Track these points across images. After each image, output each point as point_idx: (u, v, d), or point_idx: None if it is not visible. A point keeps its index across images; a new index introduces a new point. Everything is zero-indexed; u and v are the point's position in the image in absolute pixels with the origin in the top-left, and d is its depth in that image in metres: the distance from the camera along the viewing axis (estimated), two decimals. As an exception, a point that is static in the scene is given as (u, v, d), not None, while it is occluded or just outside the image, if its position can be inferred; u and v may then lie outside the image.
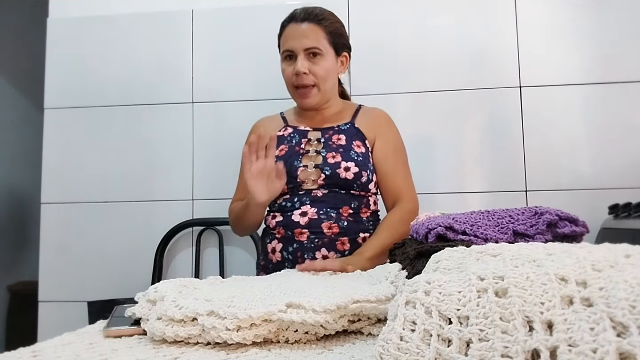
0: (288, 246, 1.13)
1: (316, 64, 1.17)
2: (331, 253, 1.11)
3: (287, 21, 1.21)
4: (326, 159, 1.15)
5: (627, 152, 1.54)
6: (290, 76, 1.18)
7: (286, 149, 1.19)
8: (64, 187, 1.71)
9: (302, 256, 1.11)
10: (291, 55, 1.18)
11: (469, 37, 1.64)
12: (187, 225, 1.64)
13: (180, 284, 0.64)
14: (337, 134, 1.20)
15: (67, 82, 1.75)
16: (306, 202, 1.14)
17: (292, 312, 0.52)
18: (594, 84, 1.58)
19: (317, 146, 1.18)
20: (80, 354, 0.50)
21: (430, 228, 0.69)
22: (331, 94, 1.24)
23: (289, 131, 1.24)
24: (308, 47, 1.16)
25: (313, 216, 1.12)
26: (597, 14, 1.60)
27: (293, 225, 1.13)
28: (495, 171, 1.59)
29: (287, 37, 1.19)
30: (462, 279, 0.40)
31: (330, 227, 1.12)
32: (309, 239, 1.11)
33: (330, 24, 1.20)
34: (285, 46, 1.19)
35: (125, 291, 1.55)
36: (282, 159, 1.16)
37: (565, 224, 0.66)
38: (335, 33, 1.20)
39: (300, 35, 1.16)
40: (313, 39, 1.16)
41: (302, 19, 1.17)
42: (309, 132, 1.23)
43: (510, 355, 0.32)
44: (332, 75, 1.21)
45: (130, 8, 1.76)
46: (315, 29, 1.17)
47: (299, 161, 1.16)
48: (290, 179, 1.14)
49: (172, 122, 1.71)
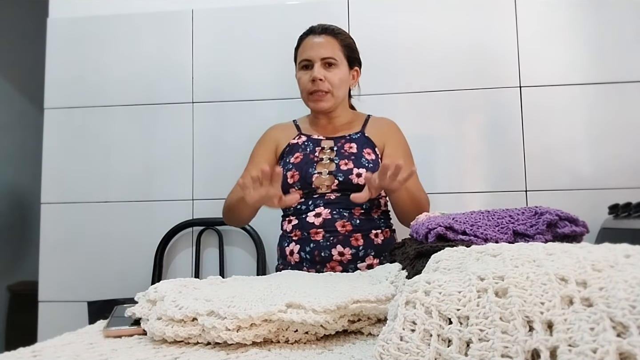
0: (305, 246, 1.20)
1: (331, 73, 1.25)
2: (346, 249, 1.18)
3: (305, 34, 1.30)
4: (339, 166, 1.22)
5: (627, 152, 1.54)
6: (306, 83, 1.25)
7: (301, 156, 1.25)
8: (64, 187, 1.71)
9: (320, 254, 1.18)
10: (308, 65, 1.26)
11: (469, 37, 1.64)
12: (187, 225, 1.64)
13: (180, 284, 0.64)
14: (348, 143, 1.27)
15: (67, 82, 1.75)
16: (320, 205, 1.21)
17: (292, 312, 0.52)
18: (594, 84, 1.58)
19: (330, 154, 1.25)
20: (80, 354, 0.50)
21: (430, 228, 0.70)
22: (342, 102, 1.32)
23: (302, 139, 1.30)
24: (324, 56, 1.24)
25: (327, 216, 1.19)
26: (597, 14, 1.60)
27: (308, 227, 1.20)
28: (495, 171, 1.59)
29: (304, 48, 1.27)
30: (462, 279, 0.40)
31: (344, 225, 1.19)
32: (325, 237, 1.18)
33: (345, 39, 1.29)
34: (302, 56, 1.27)
35: (125, 291, 1.55)
36: (297, 166, 1.23)
37: (565, 224, 0.66)
38: (349, 47, 1.30)
39: (317, 46, 1.25)
40: (330, 50, 1.25)
41: (319, 32, 1.27)
42: (322, 140, 1.29)
43: (510, 355, 0.32)
44: (344, 84, 1.29)
45: (130, 8, 1.76)
46: (332, 41, 1.26)
47: (313, 168, 1.23)
48: (306, 185, 1.21)
49: (172, 122, 1.71)
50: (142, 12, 1.75)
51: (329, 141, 1.29)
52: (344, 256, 1.17)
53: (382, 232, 1.23)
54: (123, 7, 1.76)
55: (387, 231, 1.25)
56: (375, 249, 1.20)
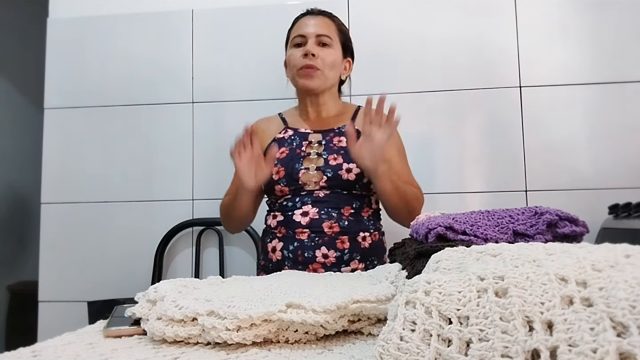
0: (288, 245, 1.14)
1: (325, 51, 1.21)
2: (331, 251, 1.12)
3: (301, 15, 1.27)
4: (328, 161, 1.16)
5: (627, 152, 1.54)
6: (298, 58, 1.20)
7: (287, 151, 1.20)
8: (64, 187, 1.71)
9: (303, 254, 1.12)
10: (301, 43, 1.21)
11: (469, 37, 1.64)
12: (187, 225, 1.64)
13: (180, 284, 0.64)
14: (338, 136, 1.21)
15: (67, 82, 1.75)
16: (307, 202, 1.15)
17: (292, 312, 0.52)
18: (594, 84, 1.58)
19: (319, 148, 1.19)
20: (80, 354, 0.50)
21: (430, 228, 0.69)
22: (331, 88, 1.26)
23: (289, 133, 1.24)
24: (320, 33, 1.21)
25: (314, 216, 1.13)
26: (597, 14, 1.60)
27: (294, 225, 1.14)
28: (495, 171, 1.59)
29: (300, 25, 1.24)
30: (462, 279, 0.40)
31: (331, 226, 1.13)
32: (310, 237, 1.13)
33: (341, 24, 1.28)
34: (296, 32, 1.23)
35: (125, 291, 1.55)
36: (283, 162, 1.17)
37: (565, 224, 0.66)
38: (345, 34, 1.27)
39: (313, 24, 1.22)
40: (325, 29, 1.22)
41: (316, 13, 1.25)
42: (309, 134, 1.23)
43: (510, 355, 0.32)
44: (337, 68, 1.24)
45: (130, 8, 1.76)
46: (328, 22, 1.24)
47: (300, 164, 1.17)
48: (292, 181, 1.15)
49: (172, 122, 1.71)
50: (142, 12, 1.75)
51: (317, 135, 1.22)
52: (327, 258, 1.11)
53: (370, 235, 1.16)
54: (123, 7, 1.76)
55: (376, 234, 1.19)
56: (361, 253, 1.14)
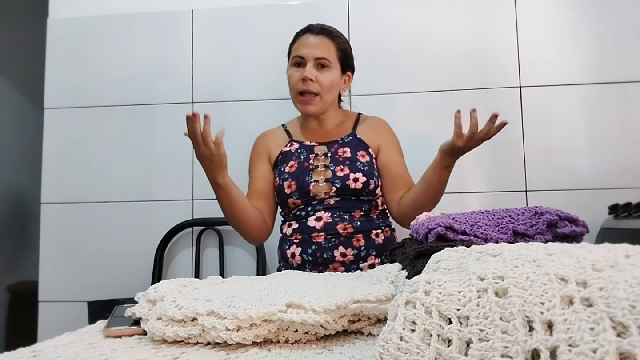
0: (307, 248, 1.20)
1: (322, 74, 1.23)
2: (348, 250, 1.19)
3: (302, 32, 1.28)
4: (335, 173, 1.22)
5: (627, 152, 1.54)
6: (297, 81, 1.23)
7: (296, 165, 1.25)
8: (64, 187, 1.71)
9: (322, 255, 1.18)
10: (300, 63, 1.24)
11: (469, 37, 1.64)
12: (187, 225, 1.64)
13: (180, 284, 0.64)
14: (342, 147, 1.27)
15: (67, 82, 1.74)
16: (320, 209, 1.21)
17: (292, 312, 0.52)
18: (594, 84, 1.58)
19: (325, 160, 1.26)
20: (80, 354, 0.50)
21: (430, 228, 0.70)
22: (331, 106, 1.30)
23: (295, 146, 1.30)
24: (318, 57, 1.23)
25: (328, 220, 1.20)
26: (597, 14, 1.60)
27: (310, 230, 1.20)
28: (495, 171, 1.59)
29: (300, 44, 1.26)
30: (462, 279, 0.40)
31: (345, 227, 1.20)
32: (326, 239, 1.19)
33: (342, 43, 1.28)
34: (296, 52, 1.25)
35: (125, 291, 1.55)
36: (293, 176, 1.23)
37: (565, 224, 0.66)
38: (344, 52, 1.28)
39: (312, 45, 1.23)
40: (324, 51, 1.23)
41: (317, 32, 1.25)
42: (315, 147, 1.29)
43: (510, 355, 0.32)
44: (335, 88, 1.27)
45: (130, 8, 1.76)
46: (328, 42, 1.25)
47: (310, 177, 1.23)
48: (304, 194, 1.22)
49: (172, 122, 1.71)
50: (142, 12, 1.75)
51: (322, 147, 1.28)
52: (346, 257, 1.18)
53: (382, 232, 1.24)
54: (123, 7, 1.76)
55: (387, 230, 1.26)
56: (376, 249, 1.21)
